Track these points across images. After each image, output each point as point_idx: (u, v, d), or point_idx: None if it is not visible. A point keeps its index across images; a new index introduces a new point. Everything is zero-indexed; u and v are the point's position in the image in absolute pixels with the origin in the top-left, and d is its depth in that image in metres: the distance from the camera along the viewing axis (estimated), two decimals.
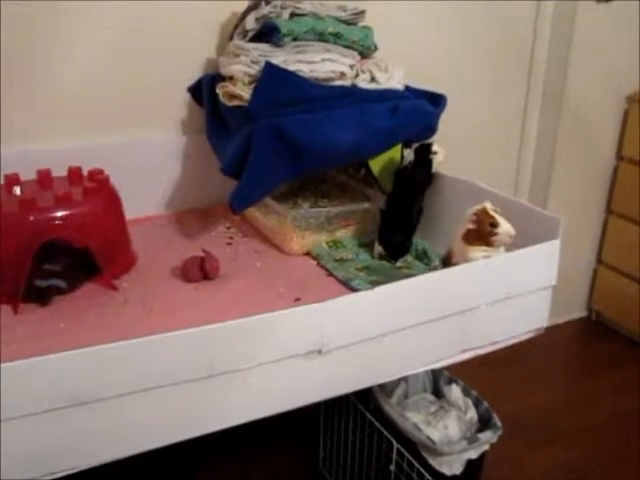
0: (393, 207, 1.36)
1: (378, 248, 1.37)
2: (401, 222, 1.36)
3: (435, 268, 1.30)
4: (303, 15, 1.39)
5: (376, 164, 1.41)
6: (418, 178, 1.35)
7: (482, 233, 1.12)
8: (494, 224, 1.11)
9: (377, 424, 1.42)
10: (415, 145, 1.38)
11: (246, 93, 1.32)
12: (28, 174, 1.27)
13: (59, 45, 1.40)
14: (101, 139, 1.47)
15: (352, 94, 1.38)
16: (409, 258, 1.39)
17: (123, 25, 1.44)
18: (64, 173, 1.29)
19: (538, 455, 1.84)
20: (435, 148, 1.36)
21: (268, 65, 1.31)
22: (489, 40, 1.94)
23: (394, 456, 1.38)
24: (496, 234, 1.11)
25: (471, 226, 1.12)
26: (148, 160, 1.51)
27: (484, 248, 1.12)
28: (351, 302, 0.99)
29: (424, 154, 1.35)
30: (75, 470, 0.87)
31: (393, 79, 1.45)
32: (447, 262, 1.19)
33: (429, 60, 1.82)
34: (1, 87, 1.35)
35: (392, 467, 1.39)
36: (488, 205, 1.13)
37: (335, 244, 1.42)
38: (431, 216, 1.41)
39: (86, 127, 1.47)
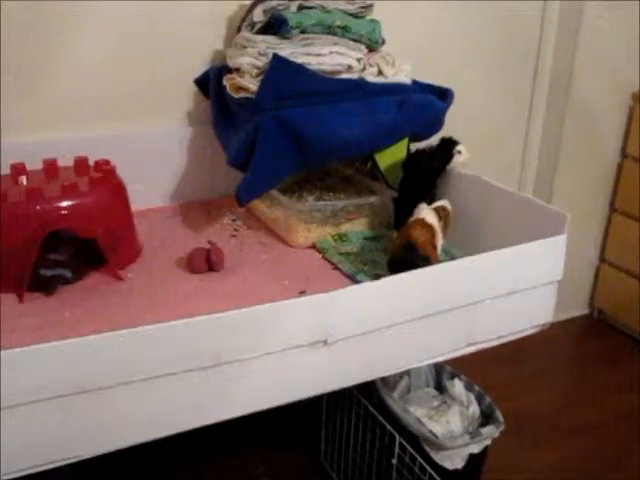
0: (407, 194, 1.34)
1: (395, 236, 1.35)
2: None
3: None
4: (311, 8, 1.38)
5: (382, 158, 1.41)
6: (432, 167, 1.35)
7: None
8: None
9: (380, 417, 1.42)
10: (443, 137, 1.39)
11: (253, 85, 1.32)
12: (34, 164, 1.27)
13: (66, 35, 1.40)
14: (107, 130, 1.47)
15: (359, 87, 1.38)
16: None
17: (131, 16, 1.44)
18: (70, 163, 1.29)
19: (539, 452, 1.84)
20: (460, 148, 1.36)
21: (275, 57, 1.31)
22: (495, 36, 1.94)
23: (396, 450, 1.38)
24: None
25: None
26: (154, 151, 1.51)
27: None
28: (356, 293, 0.99)
29: (446, 148, 1.35)
30: (78, 459, 0.87)
31: (400, 73, 1.45)
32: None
33: (436, 55, 1.82)
34: (8, 77, 1.35)
35: (394, 461, 1.39)
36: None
37: (340, 237, 1.41)
38: None
39: (92, 118, 1.47)
